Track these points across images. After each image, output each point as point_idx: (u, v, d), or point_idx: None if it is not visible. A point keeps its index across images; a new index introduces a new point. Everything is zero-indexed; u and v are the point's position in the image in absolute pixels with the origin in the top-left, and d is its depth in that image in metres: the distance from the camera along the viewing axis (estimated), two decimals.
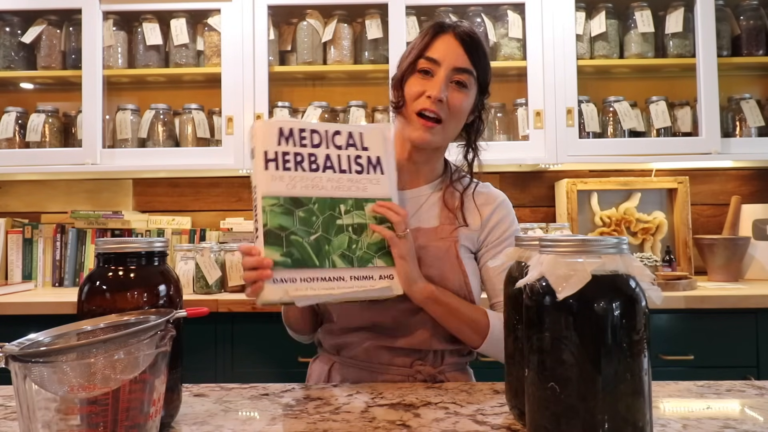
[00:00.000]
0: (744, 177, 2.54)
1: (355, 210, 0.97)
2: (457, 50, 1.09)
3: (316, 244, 0.93)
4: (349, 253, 0.95)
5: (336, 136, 0.99)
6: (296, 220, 0.92)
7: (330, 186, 0.96)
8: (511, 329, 0.80)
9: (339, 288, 0.93)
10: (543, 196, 2.55)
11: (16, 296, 2.07)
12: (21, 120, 2.37)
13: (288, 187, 0.93)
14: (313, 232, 0.93)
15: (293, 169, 0.94)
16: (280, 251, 0.90)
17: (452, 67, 1.08)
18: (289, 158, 0.94)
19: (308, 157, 0.95)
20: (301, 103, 2.40)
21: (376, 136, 1.02)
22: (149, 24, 2.32)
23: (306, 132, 0.96)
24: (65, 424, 0.60)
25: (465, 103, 1.11)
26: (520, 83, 2.30)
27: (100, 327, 0.69)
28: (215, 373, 1.92)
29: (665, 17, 2.30)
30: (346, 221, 0.96)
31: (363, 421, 0.79)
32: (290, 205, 0.92)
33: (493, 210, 1.16)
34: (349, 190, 0.97)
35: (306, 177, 0.94)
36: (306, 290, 0.91)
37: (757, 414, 0.81)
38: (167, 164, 2.29)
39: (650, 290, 0.63)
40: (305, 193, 0.94)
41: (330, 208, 0.95)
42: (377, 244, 0.97)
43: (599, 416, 0.60)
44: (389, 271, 0.97)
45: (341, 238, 0.95)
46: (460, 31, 1.11)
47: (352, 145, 0.99)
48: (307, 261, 0.92)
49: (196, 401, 0.89)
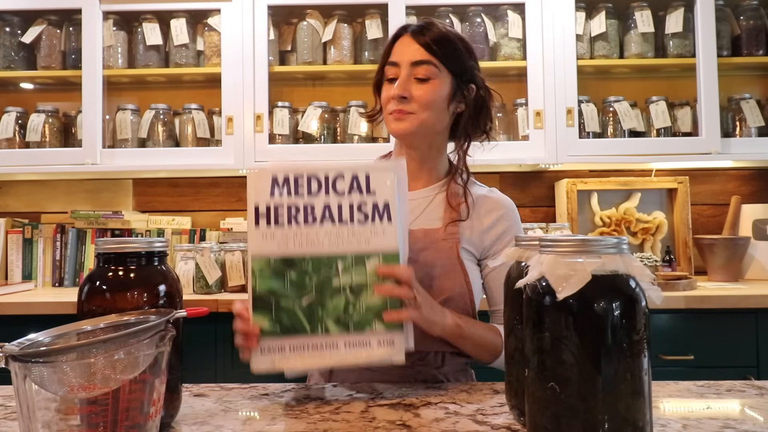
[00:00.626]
0: (744, 177, 2.54)
1: (354, 267, 0.87)
2: (412, 46, 1.10)
3: (308, 309, 0.86)
4: (345, 317, 0.86)
5: (338, 180, 0.88)
6: (287, 283, 0.85)
7: (327, 241, 0.86)
8: (511, 329, 0.80)
9: (331, 357, 0.86)
10: (543, 196, 2.55)
11: (16, 296, 2.07)
12: (21, 120, 2.37)
13: (280, 246, 0.85)
14: (305, 294, 0.86)
15: (287, 224, 0.86)
16: (269, 318, 0.85)
17: (409, 64, 1.09)
18: (282, 212, 0.86)
19: (304, 208, 0.87)
20: (301, 103, 2.40)
21: (385, 177, 0.89)
22: (149, 24, 2.32)
23: (303, 179, 0.87)
24: (65, 424, 0.60)
25: (432, 94, 1.09)
26: (520, 83, 2.30)
27: (100, 327, 0.69)
28: (215, 373, 1.92)
29: (665, 17, 2.30)
30: (344, 281, 0.86)
31: (363, 421, 0.79)
32: (281, 266, 0.85)
33: (497, 219, 1.15)
34: (349, 244, 0.87)
35: (300, 232, 0.86)
36: (295, 360, 0.85)
37: (757, 414, 0.81)
38: (167, 164, 2.29)
39: (650, 290, 0.63)
40: (299, 251, 0.86)
41: (326, 266, 0.86)
42: (377, 306, 0.87)
43: (599, 416, 0.60)
44: (389, 336, 0.87)
45: (337, 300, 0.86)
46: (414, 29, 1.12)
47: (357, 190, 0.88)
48: (297, 328, 0.85)
49: (196, 401, 0.89)
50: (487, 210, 1.16)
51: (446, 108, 1.13)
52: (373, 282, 0.87)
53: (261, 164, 2.24)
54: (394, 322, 0.87)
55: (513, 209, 1.19)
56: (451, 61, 1.11)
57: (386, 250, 0.88)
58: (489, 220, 1.15)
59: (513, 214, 1.18)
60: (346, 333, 0.86)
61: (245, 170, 2.31)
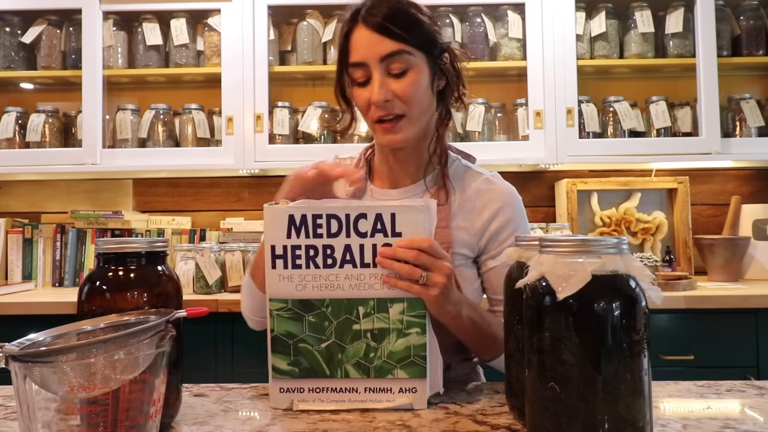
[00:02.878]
0: (744, 177, 2.54)
1: (376, 313, 0.82)
2: (373, 37, 0.96)
3: (327, 352, 0.83)
4: (365, 362, 0.83)
5: (360, 221, 0.81)
6: (306, 326, 0.83)
7: (348, 285, 0.82)
8: (511, 329, 0.79)
9: (350, 401, 0.84)
10: (543, 196, 2.55)
11: (16, 296, 2.07)
12: (21, 120, 2.37)
13: (298, 288, 0.82)
14: (324, 339, 0.83)
15: (304, 266, 0.81)
16: (287, 360, 0.83)
17: (379, 60, 0.96)
18: (300, 253, 0.81)
19: (323, 250, 0.81)
20: (301, 103, 2.40)
21: (411, 218, 0.81)
22: (149, 24, 2.32)
23: (322, 219, 0.81)
24: (65, 424, 0.60)
25: (414, 86, 0.98)
26: (520, 83, 2.30)
27: (100, 327, 0.69)
28: (215, 373, 1.92)
29: (665, 17, 2.30)
30: (365, 326, 0.82)
31: (363, 421, 0.79)
32: (299, 309, 0.82)
33: (496, 211, 1.06)
34: (371, 288, 0.82)
35: (319, 275, 0.82)
36: (314, 402, 0.83)
37: (757, 414, 0.81)
38: (167, 164, 2.29)
39: (650, 290, 0.63)
40: (318, 294, 0.82)
41: (346, 312, 0.82)
42: (401, 352, 0.83)
43: (599, 416, 0.60)
44: (412, 383, 0.83)
45: (357, 345, 0.83)
46: (365, 14, 0.97)
47: (380, 231, 0.81)
48: (316, 371, 0.83)
49: (196, 401, 0.89)
50: (482, 204, 1.06)
51: (432, 93, 1.02)
52: (395, 328, 0.83)
53: (261, 164, 2.25)
54: (415, 368, 0.83)
55: (514, 200, 1.08)
56: (419, 38, 0.98)
57: (410, 294, 0.82)
58: (487, 214, 1.06)
59: (513, 205, 1.07)
60: (366, 378, 0.83)
61: (245, 170, 2.31)
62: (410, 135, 1.01)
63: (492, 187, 1.09)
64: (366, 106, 1.00)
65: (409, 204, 0.82)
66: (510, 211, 1.07)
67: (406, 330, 0.83)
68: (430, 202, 0.83)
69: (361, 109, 1.02)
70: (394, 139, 1.01)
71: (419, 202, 0.83)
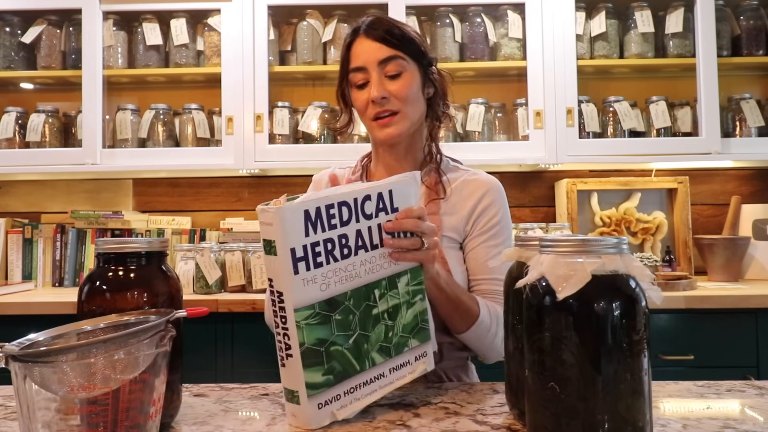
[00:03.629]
0: (744, 177, 2.54)
1: (389, 291, 0.85)
2: (372, 45, 1.09)
3: (354, 347, 0.82)
4: (386, 343, 0.85)
5: (366, 202, 0.83)
6: (334, 326, 0.80)
7: (363, 271, 0.83)
8: (511, 329, 0.80)
9: (381, 387, 0.85)
10: (543, 196, 2.55)
11: (16, 296, 2.07)
12: (21, 120, 2.37)
13: (322, 288, 0.79)
14: (351, 333, 0.82)
15: (325, 262, 0.79)
16: (321, 370, 0.78)
17: (377, 64, 1.09)
18: (319, 250, 0.78)
19: (339, 240, 0.80)
20: (301, 103, 2.40)
21: (404, 191, 0.88)
22: (149, 24, 2.32)
23: (335, 208, 0.80)
24: (65, 424, 0.60)
25: (408, 88, 1.10)
26: (520, 83, 2.30)
27: (100, 327, 0.69)
28: (215, 373, 1.92)
29: (665, 17, 2.30)
30: (381, 307, 0.84)
31: (363, 421, 0.79)
32: (326, 311, 0.79)
33: (480, 197, 1.15)
34: (381, 268, 0.85)
35: (339, 268, 0.80)
36: (351, 404, 0.81)
37: (757, 414, 0.81)
38: (167, 164, 2.29)
39: (650, 290, 0.63)
40: (340, 289, 0.80)
41: (365, 298, 0.83)
42: (411, 323, 0.88)
43: (599, 416, 0.60)
44: (423, 348, 0.90)
45: (378, 329, 0.84)
46: (366, 29, 1.11)
47: (382, 210, 0.86)
48: (348, 371, 0.81)
49: (196, 401, 0.89)
50: (468, 192, 1.16)
51: (422, 96, 1.14)
52: (405, 301, 0.87)
53: (261, 164, 2.25)
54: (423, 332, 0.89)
55: (497, 188, 1.18)
56: (412, 49, 1.11)
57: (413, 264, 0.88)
58: (472, 201, 1.15)
59: (494, 190, 1.17)
60: (389, 359, 0.85)
61: (245, 170, 2.31)
62: (404, 129, 1.12)
63: (476, 177, 1.19)
64: (364, 105, 1.12)
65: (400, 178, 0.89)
66: (493, 196, 1.16)
67: (412, 300, 0.88)
68: (415, 174, 0.90)
69: (360, 109, 1.14)
70: (390, 132, 1.11)
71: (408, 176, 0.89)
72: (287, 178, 2.55)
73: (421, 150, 1.19)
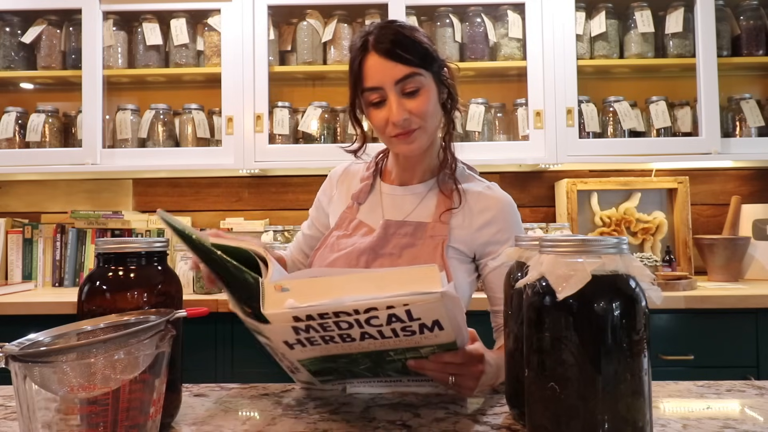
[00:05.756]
0: (744, 177, 2.54)
1: (407, 352, 0.78)
2: (386, 64, 1.05)
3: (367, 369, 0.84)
4: (405, 370, 0.83)
5: (372, 319, 0.69)
6: (341, 362, 0.81)
7: (373, 347, 0.75)
8: (511, 329, 0.80)
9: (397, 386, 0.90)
10: (543, 196, 2.55)
11: (16, 296, 2.07)
12: (21, 120, 2.37)
13: (322, 353, 0.77)
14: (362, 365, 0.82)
15: (323, 344, 0.74)
16: (332, 376, 0.87)
17: (393, 83, 1.05)
18: (315, 339, 0.73)
19: (340, 336, 0.73)
20: (301, 103, 2.40)
21: (429, 307, 0.68)
22: (149, 24, 2.32)
23: (329, 321, 0.70)
24: (65, 424, 0.60)
25: (428, 105, 1.07)
26: (520, 83, 2.30)
27: (100, 327, 0.69)
28: (215, 373, 1.92)
29: (665, 17, 2.30)
30: (398, 357, 0.80)
31: (363, 421, 0.79)
32: (330, 359, 0.79)
33: (489, 220, 1.12)
34: (397, 345, 0.76)
35: (342, 347, 0.76)
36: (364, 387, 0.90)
37: (757, 414, 0.81)
38: (167, 164, 2.29)
39: (650, 290, 0.63)
40: (345, 351, 0.77)
41: (377, 355, 0.78)
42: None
43: (599, 416, 0.60)
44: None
45: (395, 365, 0.82)
46: (378, 45, 1.06)
47: (397, 321, 0.70)
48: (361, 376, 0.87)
49: (196, 401, 0.89)
50: (480, 209, 1.13)
51: (440, 107, 1.13)
52: (430, 353, 0.80)
53: (261, 164, 2.25)
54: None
55: (509, 209, 1.14)
56: (425, 59, 1.07)
57: (441, 343, 0.77)
58: (481, 220, 1.12)
59: (508, 214, 1.14)
60: (407, 376, 0.87)
61: (245, 170, 2.31)
62: (425, 143, 1.11)
63: (491, 194, 1.16)
64: (383, 124, 1.08)
65: (423, 297, 0.67)
66: (506, 219, 1.13)
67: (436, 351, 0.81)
68: (447, 291, 0.67)
69: (378, 127, 1.10)
70: (411, 148, 1.10)
71: (432, 280, 0.68)
72: (287, 178, 2.55)
73: (437, 155, 1.18)
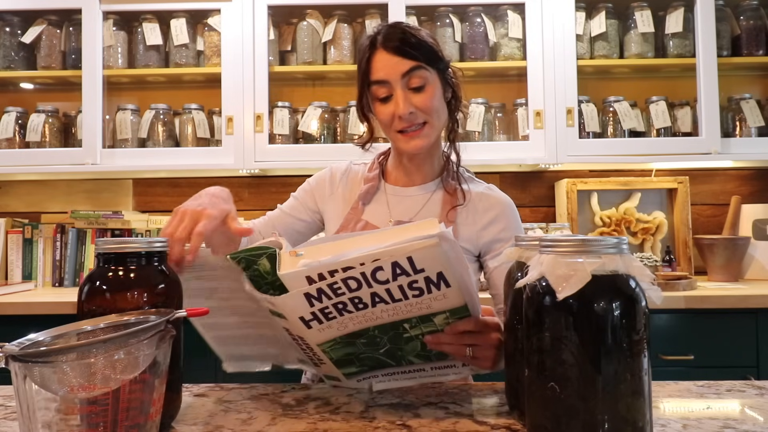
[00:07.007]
0: (744, 177, 2.54)
1: (422, 324, 0.81)
2: (392, 59, 1.08)
3: (388, 353, 0.85)
4: (424, 353, 0.85)
5: (377, 272, 0.73)
6: (360, 345, 0.83)
7: (386, 315, 0.78)
8: (511, 329, 0.79)
9: (420, 377, 0.90)
10: (543, 196, 2.55)
11: (16, 296, 2.07)
12: (21, 120, 2.37)
13: (339, 330, 0.80)
14: (381, 347, 0.84)
15: (338, 315, 0.78)
16: (355, 366, 0.87)
17: (400, 77, 1.08)
18: (329, 311, 0.77)
19: (351, 300, 0.76)
20: (301, 103, 2.40)
21: (429, 253, 0.72)
22: (149, 24, 2.32)
23: (338, 282, 0.74)
24: (65, 424, 0.60)
25: (433, 100, 1.10)
26: (520, 83, 2.30)
27: (100, 327, 0.69)
28: (215, 373, 1.92)
29: (665, 17, 2.30)
30: (414, 333, 0.82)
31: (363, 421, 0.79)
32: (349, 339, 0.82)
33: (494, 218, 1.16)
34: (410, 312, 0.79)
35: (356, 316, 0.78)
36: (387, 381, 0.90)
37: (757, 414, 0.81)
38: (167, 164, 2.29)
39: (650, 290, 0.63)
40: (361, 326, 0.80)
41: (393, 329, 0.81)
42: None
43: (599, 416, 0.60)
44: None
45: (413, 345, 0.84)
46: (385, 42, 1.09)
47: (402, 274, 0.74)
48: (383, 364, 0.87)
49: (196, 401, 0.89)
50: (484, 208, 1.17)
51: (445, 104, 1.15)
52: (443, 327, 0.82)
53: (261, 164, 2.25)
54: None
55: (511, 208, 1.19)
56: (431, 57, 1.10)
57: (451, 307, 0.79)
58: (486, 218, 1.16)
59: (510, 212, 1.19)
60: (429, 362, 0.88)
61: (245, 170, 2.31)
62: (431, 140, 1.13)
63: (493, 194, 1.20)
64: (389, 119, 1.11)
65: (421, 241, 0.71)
66: (509, 217, 1.18)
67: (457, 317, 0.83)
68: (444, 234, 0.71)
69: (384, 122, 1.13)
70: (418, 144, 1.11)
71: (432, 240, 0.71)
72: (287, 178, 2.55)
73: (440, 156, 1.21)
